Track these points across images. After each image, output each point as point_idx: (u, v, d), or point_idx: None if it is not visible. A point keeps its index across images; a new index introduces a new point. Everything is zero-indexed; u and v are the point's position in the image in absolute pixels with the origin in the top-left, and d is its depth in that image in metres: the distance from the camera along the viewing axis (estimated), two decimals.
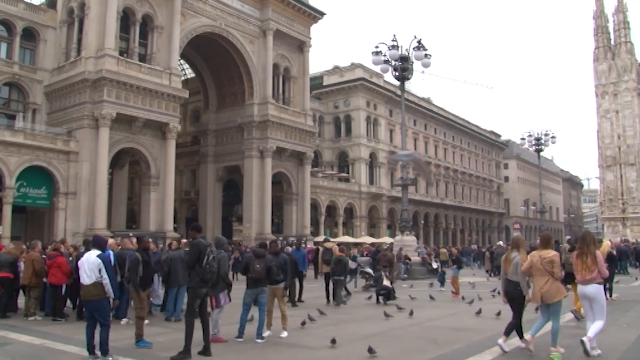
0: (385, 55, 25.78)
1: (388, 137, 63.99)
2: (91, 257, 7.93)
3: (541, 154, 45.93)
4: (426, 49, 25.72)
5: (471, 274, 28.19)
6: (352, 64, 61.94)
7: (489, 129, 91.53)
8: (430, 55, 25.90)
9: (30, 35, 36.60)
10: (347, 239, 47.54)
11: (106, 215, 34.35)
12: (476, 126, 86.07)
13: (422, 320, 11.90)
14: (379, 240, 47.23)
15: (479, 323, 11.35)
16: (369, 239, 47.66)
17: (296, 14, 48.26)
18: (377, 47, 25.78)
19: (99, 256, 7.91)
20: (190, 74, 52.26)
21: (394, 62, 26.10)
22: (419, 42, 25.74)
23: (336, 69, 63.40)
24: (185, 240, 13.42)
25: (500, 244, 32.63)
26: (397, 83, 31.81)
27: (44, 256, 12.84)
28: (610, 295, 13.90)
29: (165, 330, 10.74)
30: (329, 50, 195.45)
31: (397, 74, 26.57)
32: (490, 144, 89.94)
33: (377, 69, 28.80)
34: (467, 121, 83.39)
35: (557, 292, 7.73)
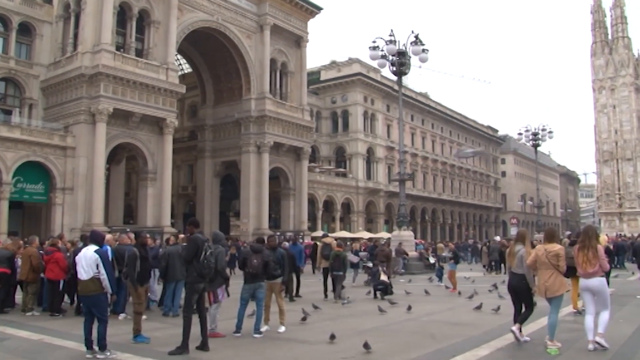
0: (382, 50, 25.74)
1: (385, 132, 64.01)
2: (89, 252, 7.94)
3: (538, 149, 46.03)
4: (423, 44, 25.66)
5: (468, 269, 28.27)
6: (350, 59, 61.85)
7: (486, 124, 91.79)
8: (428, 50, 25.82)
9: (26, 30, 36.40)
10: (345, 234, 47.69)
11: (103, 210, 34.32)
12: (473, 121, 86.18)
13: (419, 315, 11.95)
14: (376, 235, 47.21)
15: (476, 318, 11.39)
16: (366, 234, 47.76)
17: (293, 8, 48.12)
18: (374, 42, 25.75)
19: (96, 251, 7.91)
20: (187, 69, 52.07)
21: (391, 57, 26.07)
22: (416, 36, 25.67)
23: (333, 64, 63.31)
24: (183, 235, 13.42)
25: (497, 238, 32.71)
26: (394, 78, 31.80)
27: (41, 252, 12.84)
28: None
29: (163, 325, 10.75)
30: (326, 45, 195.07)
31: (394, 69, 26.54)
32: (488, 139, 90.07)
33: (375, 64, 28.77)
34: (465, 116, 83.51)
35: (560, 286, 7.83)
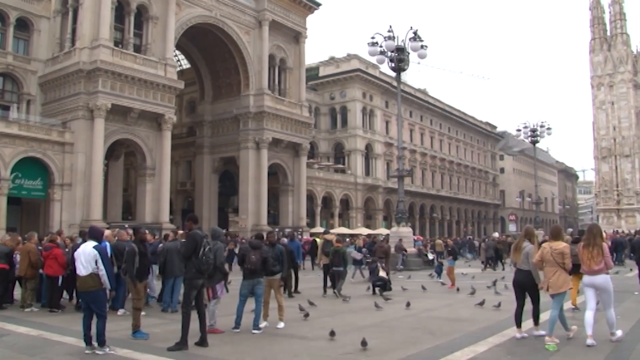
0: (381, 46, 25.71)
1: (384, 129, 63.98)
2: (87, 248, 7.93)
3: (537, 145, 46.06)
4: (422, 40, 25.67)
5: (466, 265, 28.33)
6: (348, 55, 61.81)
7: (484, 120, 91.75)
8: (426, 46, 25.82)
9: (24, 25, 36.28)
10: (343, 230, 47.63)
11: (102, 206, 34.30)
12: (472, 117, 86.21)
13: (418, 311, 11.96)
14: (375, 231, 47.26)
15: (475, 314, 11.40)
16: (365, 231, 47.72)
17: (292, 4, 47.98)
18: (373, 38, 25.71)
19: (95, 247, 7.91)
20: (185, 64, 51.97)
21: (390, 53, 26.04)
22: (415, 33, 25.67)
23: (332, 60, 63.23)
24: (181, 231, 13.40)
25: (495, 235, 32.74)
26: (393, 74, 31.79)
27: (40, 248, 12.83)
28: None
29: (161, 321, 10.75)
30: (324, 41, 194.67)
31: (393, 65, 26.52)
32: (486, 135, 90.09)
33: (373, 60, 28.72)
34: (463, 112, 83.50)
35: (563, 284, 7.94)
